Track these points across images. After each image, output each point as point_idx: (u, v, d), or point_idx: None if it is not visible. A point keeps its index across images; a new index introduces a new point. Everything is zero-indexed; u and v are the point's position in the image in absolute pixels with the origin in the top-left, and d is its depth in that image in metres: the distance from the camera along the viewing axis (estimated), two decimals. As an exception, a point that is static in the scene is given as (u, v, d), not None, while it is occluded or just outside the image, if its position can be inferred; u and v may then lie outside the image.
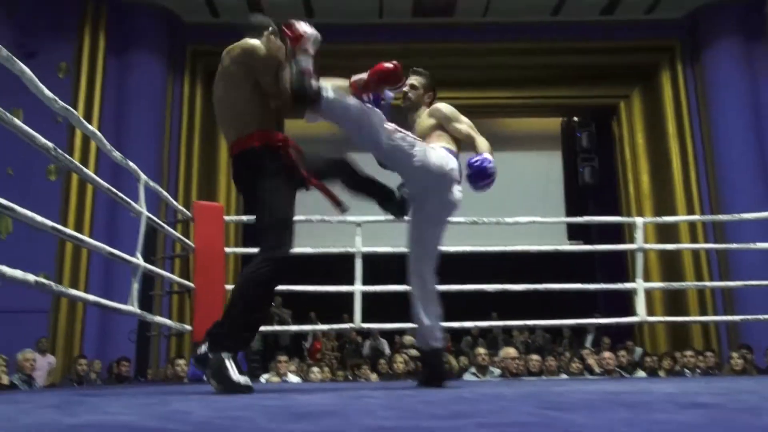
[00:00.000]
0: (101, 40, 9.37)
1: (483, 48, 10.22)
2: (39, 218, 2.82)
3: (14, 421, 1.05)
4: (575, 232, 11.06)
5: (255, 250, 2.57)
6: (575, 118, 11.99)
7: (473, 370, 5.85)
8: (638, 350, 8.02)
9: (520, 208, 8.68)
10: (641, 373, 6.21)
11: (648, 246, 5.61)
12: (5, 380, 5.25)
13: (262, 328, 7.22)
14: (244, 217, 5.23)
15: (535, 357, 6.22)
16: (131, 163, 3.72)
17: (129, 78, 9.42)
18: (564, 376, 5.99)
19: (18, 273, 2.61)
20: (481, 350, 5.99)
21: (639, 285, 4.95)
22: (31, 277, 2.75)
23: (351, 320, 6.04)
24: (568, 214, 11.30)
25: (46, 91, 2.78)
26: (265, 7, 9.18)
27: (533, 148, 11.88)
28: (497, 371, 5.81)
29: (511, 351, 6.30)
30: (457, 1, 10.03)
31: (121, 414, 1.21)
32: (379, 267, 5.11)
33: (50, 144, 2.85)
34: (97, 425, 0.99)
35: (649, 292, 6.12)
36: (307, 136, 5.90)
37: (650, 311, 6.71)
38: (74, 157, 7.62)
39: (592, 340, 9.04)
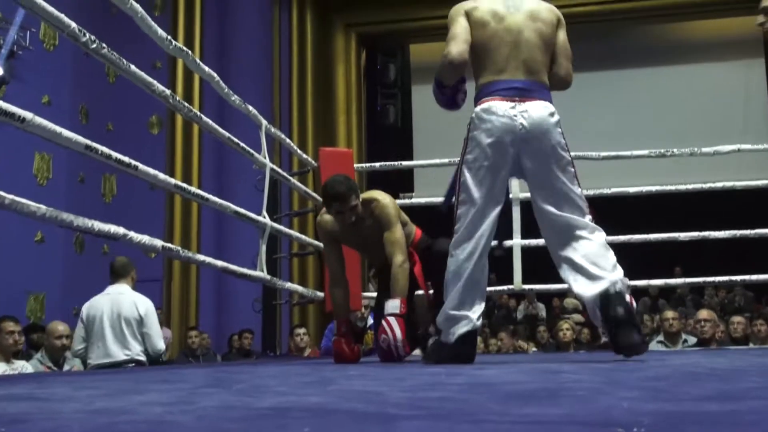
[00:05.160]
0: (197, -31, 9.67)
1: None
2: (162, 176, 3.00)
3: (196, 404, 1.11)
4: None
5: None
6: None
7: (660, 338, 5.67)
8: None
9: (711, 135, 8.12)
10: None
11: None
12: (126, 356, 5.68)
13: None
14: (377, 164, 5.29)
15: (737, 319, 5.93)
16: (251, 108, 3.84)
17: (231, 10, 9.70)
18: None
19: (145, 238, 2.80)
20: (670, 314, 5.78)
21: None
22: (158, 243, 2.94)
23: (499, 280, 5.94)
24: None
25: (160, 31, 2.90)
26: None
27: (727, 58, 11.06)
28: (692, 339, 5.59)
29: (705, 313, 6.04)
30: None
31: (304, 395, 1.26)
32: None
33: (168, 91, 3.00)
34: (296, 408, 1.03)
35: None
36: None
37: None
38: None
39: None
